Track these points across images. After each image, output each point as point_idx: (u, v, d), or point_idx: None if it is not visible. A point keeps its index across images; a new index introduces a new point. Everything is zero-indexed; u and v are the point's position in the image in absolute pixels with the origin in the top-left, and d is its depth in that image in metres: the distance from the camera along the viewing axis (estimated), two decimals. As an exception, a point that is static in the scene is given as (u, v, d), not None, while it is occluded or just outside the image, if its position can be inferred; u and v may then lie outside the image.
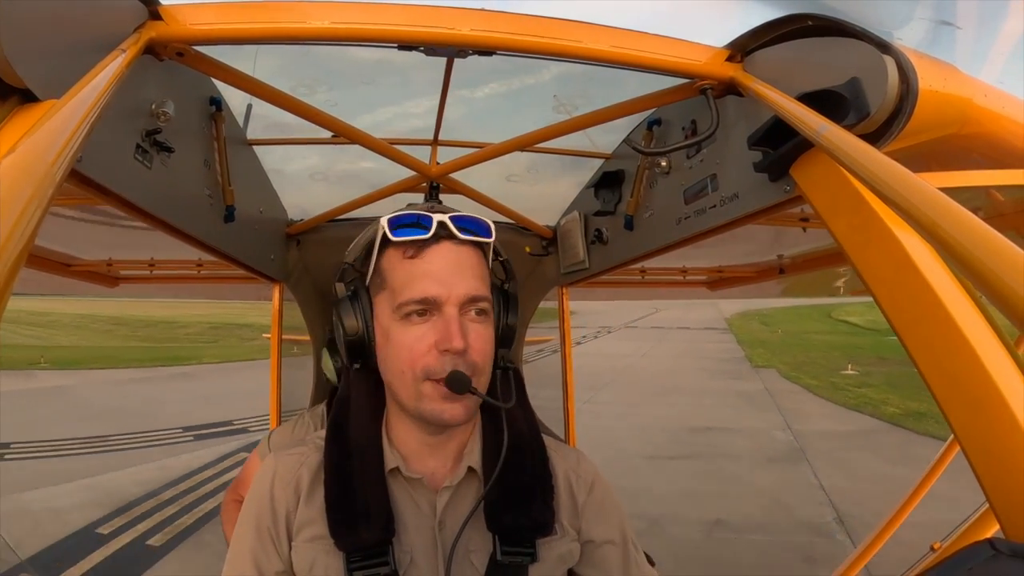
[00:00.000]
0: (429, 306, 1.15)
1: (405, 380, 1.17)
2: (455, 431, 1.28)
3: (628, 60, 1.52)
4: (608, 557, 1.34)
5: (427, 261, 1.16)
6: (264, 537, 1.23)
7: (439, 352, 1.14)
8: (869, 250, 1.20)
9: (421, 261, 1.16)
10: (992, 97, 1.39)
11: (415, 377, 1.15)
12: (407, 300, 1.15)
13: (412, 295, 1.15)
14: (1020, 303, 0.67)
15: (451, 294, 1.14)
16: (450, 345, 1.12)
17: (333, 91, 2.19)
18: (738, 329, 43.86)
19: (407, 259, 1.17)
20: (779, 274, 3.97)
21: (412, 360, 1.15)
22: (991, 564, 0.65)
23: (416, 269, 1.16)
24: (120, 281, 4.16)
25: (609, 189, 2.63)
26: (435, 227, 1.16)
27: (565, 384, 3.65)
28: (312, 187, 3.00)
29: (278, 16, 1.40)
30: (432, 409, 1.16)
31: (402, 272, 1.18)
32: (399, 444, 1.28)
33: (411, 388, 1.17)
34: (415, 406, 1.18)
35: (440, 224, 1.17)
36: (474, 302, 1.17)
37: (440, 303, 1.14)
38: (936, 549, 3.06)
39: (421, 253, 1.17)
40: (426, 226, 1.16)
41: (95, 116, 0.88)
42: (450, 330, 1.13)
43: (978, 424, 0.96)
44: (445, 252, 1.17)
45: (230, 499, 2.67)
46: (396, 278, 1.18)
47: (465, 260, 1.19)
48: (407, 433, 1.27)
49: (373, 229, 1.23)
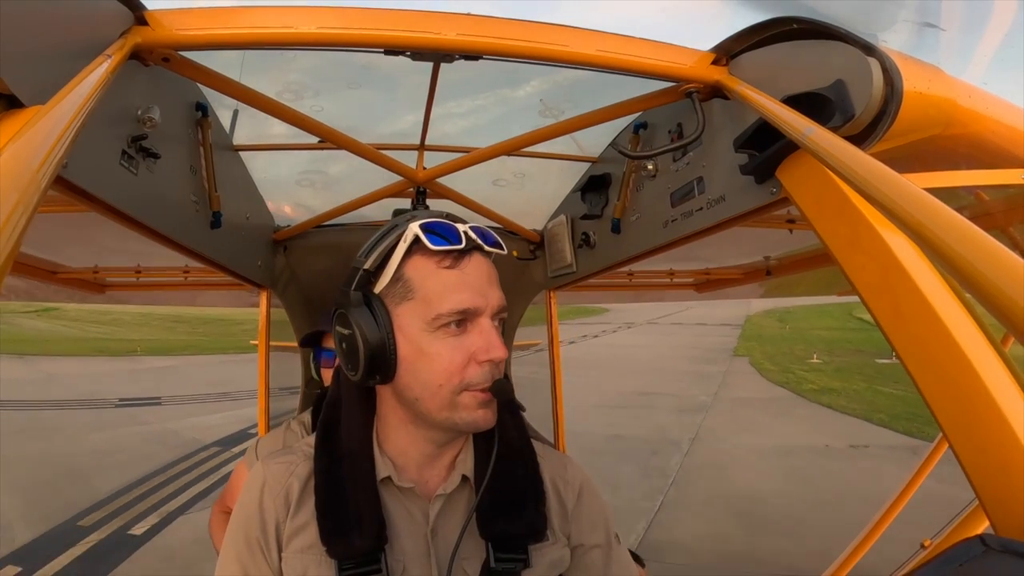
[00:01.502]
0: (468, 316, 1.14)
1: (442, 393, 1.14)
2: (456, 441, 1.28)
3: (614, 64, 1.53)
4: (596, 560, 1.34)
5: (465, 272, 1.14)
6: (254, 548, 1.21)
7: (478, 363, 1.13)
8: (855, 251, 1.21)
9: (460, 272, 1.14)
10: (976, 98, 1.40)
11: (453, 389, 1.13)
12: (447, 311, 1.12)
13: (453, 306, 1.12)
14: (1006, 301, 0.67)
15: (488, 304, 1.14)
16: (494, 355, 1.13)
17: (319, 96, 2.18)
18: (752, 325, 46.02)
19: (443, 269, 1.14)
20: (766, 276, 4.00)
21: (451, 373, 1.13)
22: (982, 560, 0.65)
23: (454, 280, 1.14)
24: (107, 288, 4.13)
25: (596, 193, 2.64)
26: (465, 239, 1.15)
27: (554, 388, 3.65)
28: (299, 193, 2.99)
29: (265, 21, 1.39)
30: (467, 417, 1.15)
31: (438, 283, 1.14)
32: (395, 454, 1.26)
33: (447, 399, 1.14)
34: (447, 416, 1.15)
35: (468, 236, 1.16)
36: (501, 312, 1.18)
37: (479, 314, 1.14)
38: (927, 546, 3.08)
39: (458, 264, 1.14)
40: (453, 236, 1.15)
41: (80, 122, 0.87)
42: (492, 341, 1.13)
43: (966, 421, 0.96)
44: (478, 263, 1.16)
45: (218, 510, 2.65)
46: (430, 288, 1.14)
47: (492, 271, 1.19)
48: (410, 445, 1.25)
49: (394, 236, 1.18)
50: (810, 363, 26.40)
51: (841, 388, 20.15)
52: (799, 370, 24.51)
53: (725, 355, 30.44)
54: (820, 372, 23.91)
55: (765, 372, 24.47)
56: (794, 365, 25.91)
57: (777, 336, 38.29)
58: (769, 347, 32.27)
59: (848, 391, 19.62)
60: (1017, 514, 0.86)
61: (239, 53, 1.74)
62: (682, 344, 35.33)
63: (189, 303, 5.98)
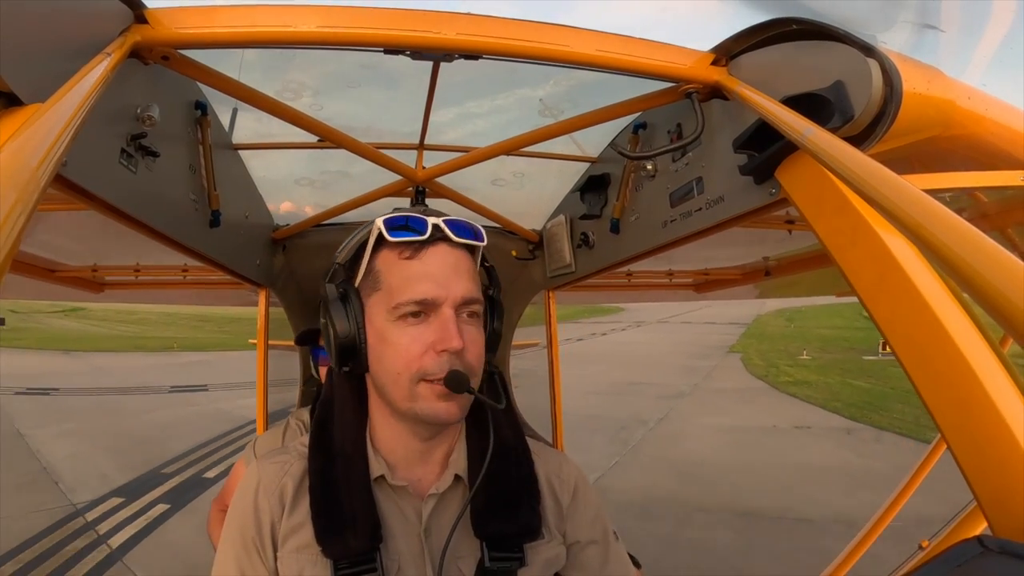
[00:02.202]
0: (426, 307, 1.14)
1: (400, 382, 1.16)
2: (443, 437, 1.28)
3: (614, 64, 1.53)
4: (592, 557, 1.35)
5: (424, 263, 1.15)
6: (249, 547, 1.21)
7: (436, 353, 1.13)
8: (854, 251, 1.21)
9: (418, 262, 1.16)
10: (975, 99, 1.40)
11: (411, 378, 1.14)
12: (405, 301, 1.14)
13: (410, 296, 1.14)
14: (1005, 303, 0.67)
15: (448, 295, 1.14)
16: (449, 345, 1.12)
17: (319, 95, 2.18)
18: (759, 324, 48.92)
19: (404, 260, 1.16)
20: (765, 276, 4.00)
21: (408, 361, 1.14)
22: (979, 561, 0.66)
23: (413, 270, 1.15)
24: (105, 287, 4.13)
25: (595, 193, 2.64)
26: (430, 229, 1.16)
27: (552, 387, 3.65)
28: (298, 192, 2.99)
29: (264, 20, 1.39)
30: (427, 408, 1.15)
31: (398, 273, 1.16)
32: (385, 452, 1.27)
33: (406, 390, 1.16)
34: (409, 407, 1.17)
35: (435, 227, 1.17)
36: (468, 304, 1.17)
37: (438, 304, 1.14)
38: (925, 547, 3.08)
39: (418, 254, 1.16)
40: (421, 228, 1.16)
41: (80, 120, 0.87)
42: (449, 330, 1.12)
43: (964, 422, 0.96)
44: (442, 254, 1.17)
45: (216, 509, 2.65)
46: (392, 279, 1.17)
47: (460, 262, 1.18)
48: (395, 440, 1.26)
49: (366, 230, 1.21)
50: (799, 359, 28.86)
51: (816, 381, 22.47)
52: (784, 365, 27.02)
53: (720, 351, 33.13)
54: (804, 367, 26.31)
55: (751, 366, 27.02)
56: (781, 361, 28.61)
57: (779, 334, 40.14)
58: (766, 344, 34.85)
59: (821, 384, 21.97)
60: (1015, 515, 0.86)
61: (239, 52, 1.74)
62: (684, 341, 38.51)
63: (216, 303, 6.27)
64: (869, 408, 17.25)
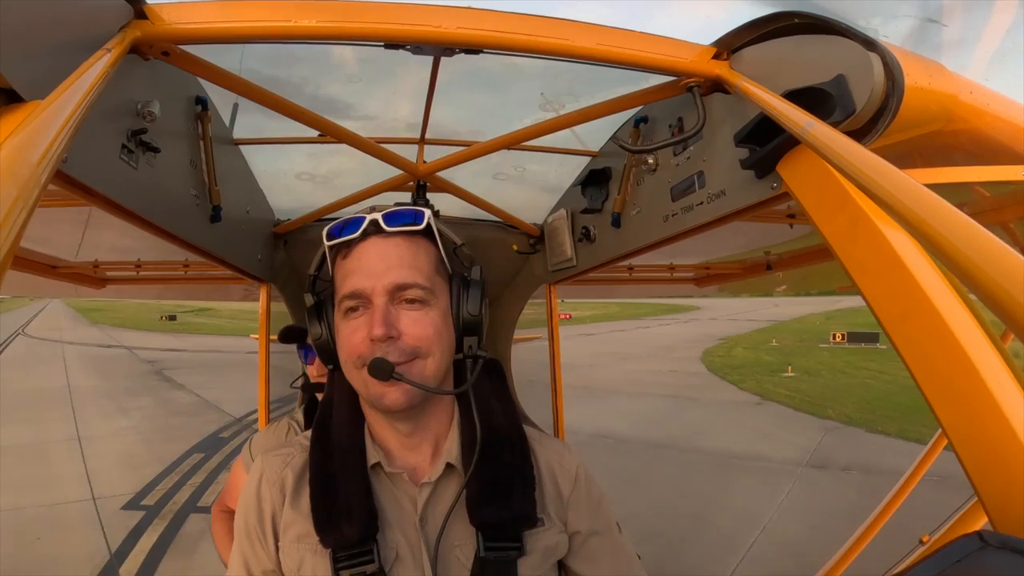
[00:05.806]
0: (361, 300, 1.20)
1: (350, 372, 1.23)
2: (425, 426, 1.30)
3: (615, 58, 1.53)
4: (595, 548, 1.36)
5: (356, 258, 1.22)
6: (252, 536, 1.25)
7: (370, 341, 1.17)
8: (855, 246, 1.21)
9: (352, 259, 1.23)
10: (977, 94, 1.40)
11: (355, 367, 1.20)
12: (341, 297, 1.22)
13: (344, 291, 1.21)
14: (1006, 298, 0.67)
15: (376, 285, 1.19)
16: (370, 332, 1.17)
17: (320, 90, 2.18)
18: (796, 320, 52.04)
19: (342, 260, 1.25)
20: (766, 270, 4.00)
21: (349, 351, 1.21)
22: (980, 556, 0.66)
23: (348, 267, 1.23)
24: (107, 283, 4.14)
25: (596, 187, 2.64)
26: (365, 226, 1.22)
27: (554, 379, 3.65)
28: (299, 187, 2.98)
29: (264, 15, 1.39)
30: (375, 395, 1.20)
31: (340, 272, 1.25)
32: (380, 441, 1.31)
33: (357, 380, 1.22)
34: (365, 395, 1.23)
35: (371, 223, 1.23)
36: (402, 289, 1.20)
37: (368, 295, 1.19)
38: (925, 542, 3.08)
39: (352, 252, 1.23)
40: (355, 228, 1.23)
41: (80, 116, 0.87)
42: (374, 318, 1.17)
43: (966, 418, 0.96)
44: (371, 247, 1.22)
45: (217, 511, 2.66)
46: (337, 280, 1.25)
47: (392, 251, 1.22)
48: (383, 429, 1.31)
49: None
50: (769, 346, 32.91)
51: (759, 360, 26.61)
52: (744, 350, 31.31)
53: (716, 340, 36.71)
54: (770, 352, 30.18)
55: (721, 350, 31.52)
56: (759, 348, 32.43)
57: (794, 329, 43.17)
58: (767, 336, 38.57)
59: (762, 362, 25.92)
60: (1016, 510, 0.86)
61: (239, 47, 1.74)
62: (697, 332, 43.03)
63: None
64: (782, 386, 19.59)
